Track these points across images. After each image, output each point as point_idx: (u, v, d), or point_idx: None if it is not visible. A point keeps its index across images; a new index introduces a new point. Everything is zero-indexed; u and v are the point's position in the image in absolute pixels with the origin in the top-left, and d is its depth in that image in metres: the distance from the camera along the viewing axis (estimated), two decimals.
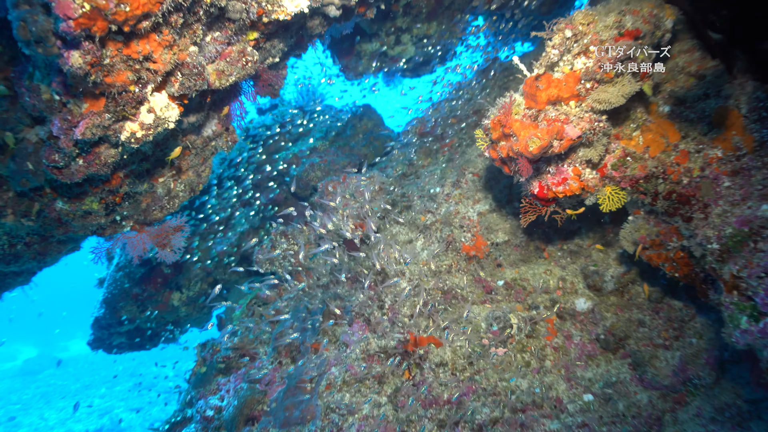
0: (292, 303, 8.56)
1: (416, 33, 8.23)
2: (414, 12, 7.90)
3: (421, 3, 7.81)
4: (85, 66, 3.23)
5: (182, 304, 12.28)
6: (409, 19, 8.03)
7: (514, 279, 6.26)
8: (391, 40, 8.20)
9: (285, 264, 8.88)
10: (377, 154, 9.48)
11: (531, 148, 3.68)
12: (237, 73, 4.55)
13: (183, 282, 11.73)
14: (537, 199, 4.45)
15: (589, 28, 3.80)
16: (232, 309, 11.41)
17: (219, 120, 5.71)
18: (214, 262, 11.54)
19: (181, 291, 11.88)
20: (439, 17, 8.13)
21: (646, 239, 4.70)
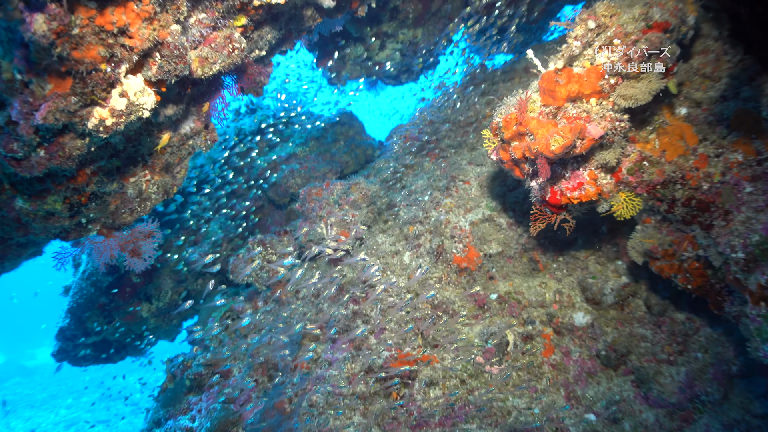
0: (270, 317, 7.96)
1: (402, 39, 7.84)
2: (401, 17, 7.53)
3: (408, 8, 7.44)
4: (50, 34, 2.66)
5: (151, 316, 11.65)
6: (395, 24, 7.65)
7: (508, 292, 5.85)
8: (377, 45, 7.79)
9: (262, 275, 8.28)
10: (359, 161, 9.01)
11: (553, 147, 3.28)
12: (222, 61, 4.02)
13: (153, 292, 10.94)
14: (548, 206, 4.05)
15: (613, 20, 3.45)
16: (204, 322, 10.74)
17: (198, 116, 5.14)
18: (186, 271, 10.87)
19: (151, 302, 11.05)
20: (425, 24, 7.78)
21: (658, 249, 4.35)
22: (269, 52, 5.02)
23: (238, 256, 8.53)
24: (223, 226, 11.16)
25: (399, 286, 6.26)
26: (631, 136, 3.99)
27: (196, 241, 11.30)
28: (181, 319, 12.71)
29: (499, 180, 6.14)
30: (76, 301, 10.69)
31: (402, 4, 7.30)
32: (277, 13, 4.52)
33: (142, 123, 4.67)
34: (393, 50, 7.91)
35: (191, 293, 11.80)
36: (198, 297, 11.87)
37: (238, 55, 4.16)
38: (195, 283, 11.39)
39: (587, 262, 5.75)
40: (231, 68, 4.33)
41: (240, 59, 4.18)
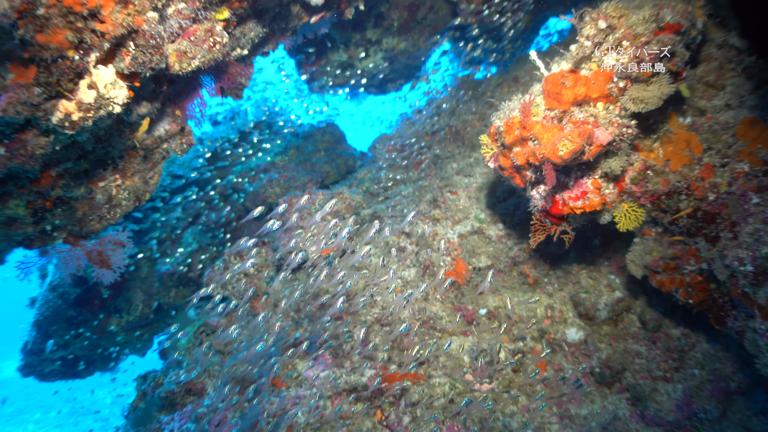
0: (246, 332, 7.51)
1: (386, 47, 7.58)
2: (385, 24, 7.27)
3: (393, 15, 7.20)
4: (12, 13, 2.28)
5: (121, 330, 10.99)
6: (379, 32, 7.39)
7: (498, 307, 5.56)
8: (360, 52, 7.51)
9: (239, 288, 7.82)
10: (340, 172, 8.67)
11: (561, 153, 3.01)
12: (202, 56, 3.67)
13: (122, 305, 10.40)
14: (549, 216, 3.79)
15: (621, 21, 3.23)
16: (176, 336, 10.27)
17: (174, 117, 4.75)
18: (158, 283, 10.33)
19: (120, 315, 10.53)
20: (410, 32, 7.54)
21: (659, 263, 4.13)
22: (251, 52, 4.68)
23: (214, 268, 8.08)
24: (197, 237, 10.70)
25: (384, 300, 5.93)
26: (635, 144, 3.77)
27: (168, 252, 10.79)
28: (152, 332, 12.18)
29: (488, 191, 5.89)
30: (42, 313, 10.13)
31: (387, 11, 7.06)
32: (262, 9, 4.19)
33: (113, 121, 4.27)
34: (377, 58, 7.65)
35: (163, 306, 11.30)
36: (170, 309, 11.36)
37: (220, 50, 3.81)
38: (168, 295, 10.86)
39: (579, 276, 5.52)
40: (211, 65, 3.97)
41: (221, 55, 3.83)
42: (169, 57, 3.78)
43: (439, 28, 7.51)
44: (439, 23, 7.46)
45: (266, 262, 7.55)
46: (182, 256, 10.40)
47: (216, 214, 10.19)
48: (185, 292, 10.70)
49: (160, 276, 10.56)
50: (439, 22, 7.46)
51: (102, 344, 11.25)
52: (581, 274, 5.51)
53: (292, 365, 6.19)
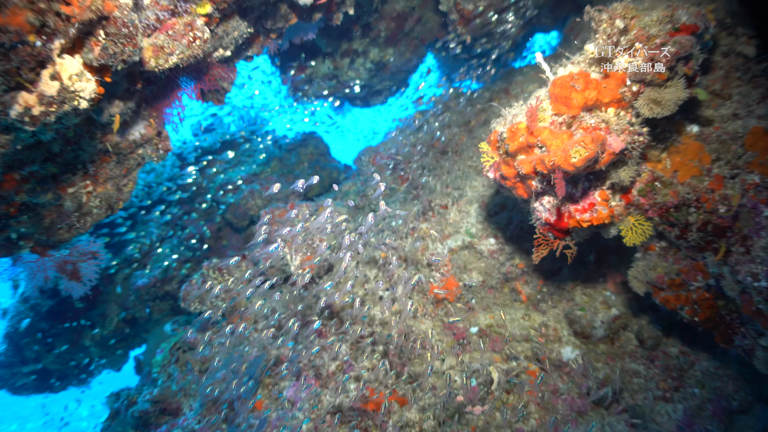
0: (225, 349, 7.03)
1: (372, 58, 7.30)
2: (372, 35, 7.00)
3: (380, 26, 6.93)
4: None
5: (95, 344, 10.20)
6: (366, 42, 7.11)
7: (489, 325, 5.23)
8: (346, 63, 7.21)
9: (218, 303, 7.34)
10: (323, 184, 8.30)
11: (574, 160, 2.71)
12: (180, 52, 3.30)
13: (97, 318, 9.94)
14: (552, 230, 3.48)
15: (633, 22, 2.98)
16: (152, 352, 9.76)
17: (150, 122, 4.35)
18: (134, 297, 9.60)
19: (95, 329, 10.06)
20: (397, 44, 7.28)
21: (664, 279, 3.85)
22: (235, 54, 4.31)
23: (191, 282, 7.59)
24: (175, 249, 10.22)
25: (371, 317, 5.54)
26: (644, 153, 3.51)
27: (144, 264, 10.30)
28: (127, 347, 11.65)
29: (479, 204, 5.59)
30: (13, 325, 9.47)
31: (374, 21, 6.78)
32: (247, 8, 3.85)
33: (82, 120, 3.85)
34: (363, 69, 7.35)
35: (139, 320, 10.76)
36: (146, 324, 10.83)
37: (200, 47, 3.44)
38: (144, 309, 10.31)
39: (573, 293, 5.23)
40: (190, 64, 3.61)
41: (201, 53, 3.46)
42: (144, 51, 3.40)
43: (426, 41, 7.26)
44: (427, 36, 7.21)
45: (246, 275, 7.10)
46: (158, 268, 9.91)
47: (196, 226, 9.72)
48: (162, 305, 10.19)
49: (136, 289, 10.04)
50: (426, 34, 7.22)
51: (76, 358, 10.64)
52: (575, 291, 5.23)
53: (273, 385, 5.75)
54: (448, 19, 6.37)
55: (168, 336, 9.54)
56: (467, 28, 6.18)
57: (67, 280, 7.14)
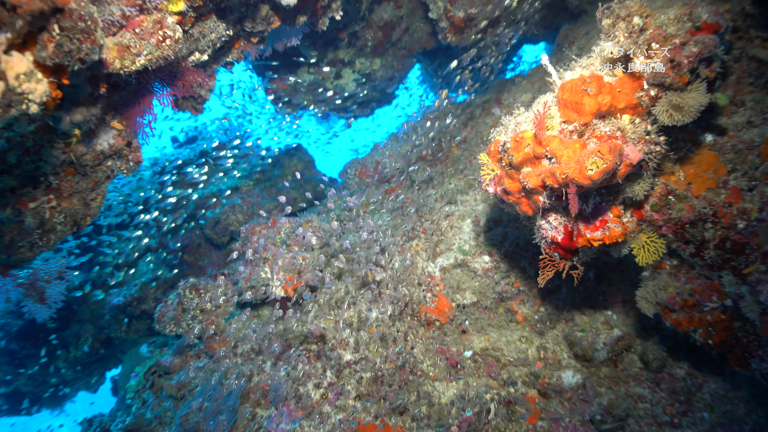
0: (202, 375, 6.54)
1: (359, 68, 6.97)
2: (359, 44, 6.67)
3: (367, 35, 6.60)
4: None
5: (68, 365, 9.70)
6: (353, 52, 6.78)
7: (485, 349, 4.86)
8: (332, 73, 6.86)
9: (194, 325, 6.85)
10: (307, 199, 7.89)
11: (590, 173, 2.37)
12: (149, 52, 2.90)
13: (70, 339, 9.44)
14: (559, 249, 3.13)
15: (649, 20, 2.67)
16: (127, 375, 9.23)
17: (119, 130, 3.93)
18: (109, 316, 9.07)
19: (68, 350, 9.57)
20: (384, 54, 6.96)
21: (676, 300, 3.52)
22: (212, 58, 3.93)
23: (167, 303, 7.09)
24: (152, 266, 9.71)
25: (358, 340, 5.13)
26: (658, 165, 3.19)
27: (122, 283, 9.78)
28: (103, 368, 11.10)
29: (472, 219, 5.24)
30: None
31: (361, 30, 6.46)
32: (226, 8, 3.48)
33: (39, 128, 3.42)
34: (349, 80, 7.01)
35: (114, 340, 10.20)
36: (122, 344, 10.30)
37: (171, 47, 3.05)
38: (119, 329, 9.74)
39: (573, 312, 4.89)
40: (161, 66, 3.21)
41: (173, 54, 3.07)
42: (108, 51, 2.99)
43: (414, 51, 6.97)
44: (415, 46, 6.91)
45: (225, 296, 6.63)
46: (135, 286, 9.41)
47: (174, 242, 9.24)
48: (138, 325, 9.64)
49: (111, 308, 9.50)
50: (414, 44, 6.91)
51: (49, 380, 9.80)
52: (575, 311, 4.89)
53: (253, 416, 5.28)
54: (437, 27, 6.07)
55: (143, 358, 9.06)
56: (458, 36, 5.88)
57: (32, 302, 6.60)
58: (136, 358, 9.65)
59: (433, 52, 7.23)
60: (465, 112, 6.05)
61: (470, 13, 5.62)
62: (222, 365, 6.17)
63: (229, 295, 6.64)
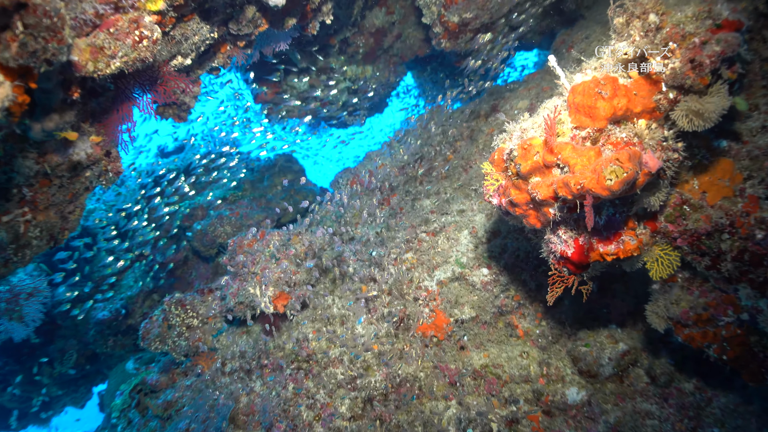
0: (189, 394, 6.19)
1: (350, 75, 6.73)
2: (350, 51, 6.44)
3: (359, 41, 6.38)
4: None
5: (53, 381, 9.39)
6: (344, 59, 6.55)
7: (485, 365, 4.60)
8: (323, 81, 6.62)
9: (180, 343, 6.52)
10: (299, 209, 7.62)
11: (609, 183, 2.14)
12: (125, 54, 2.64)
13: (55, 354, 9.08)
14: (568, 264, 2.89)
15: (665, 18, 2.46)
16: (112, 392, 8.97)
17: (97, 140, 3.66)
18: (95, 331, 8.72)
19: (53, 365, 9.19)
20: (376, 61, 6.74)
21: (689, 314, 3.30)
22: (197, 63, 3.67)
23: (152, 319, 6.75)
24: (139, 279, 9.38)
25: (352, 358, 4.85)
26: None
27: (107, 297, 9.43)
28: (89, 384, 10.74)
29: (469, 230, 5.01)
30: None
31: (352, 37, 6.23)
32: (210, 9, 3.22)
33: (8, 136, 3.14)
34: (340, 88, 6.77)
35: (100, 356, 9.84)
36: (108, 360, 9.95)
37: (149, 49, 2.79)
38: (105, 344, 9.39)
39: (576, 326, 4.66)
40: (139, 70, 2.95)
41: (150, 56, 2.81)
42: (80, 53, 2.72)
43: (406, 59, 6.75)
44: (407, 53, 6.70)
45: (213, 312, 6.31)
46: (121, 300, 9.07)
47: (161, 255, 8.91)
48: (125, 341, 9.28)
49: (96, 323, 9.15)
50: (406, 51, 6.70)
51: (34, 396, 9.41)
52: (578, 324, 4.66)
53: None
54: (431, 33, 5.86)
55: (129, 375, 8.75)
56: (452, 42, 5.67)
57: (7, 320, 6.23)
58: (121, 374, 9.30)
59: (425, 59, 7.03)
60: (461, 120, 5.82)
61: (465, 17, 5.42)
62: (210, 384, 5.85)
63: (216, 310, 6.33)
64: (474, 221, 5.02)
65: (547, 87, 5.18)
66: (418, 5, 5.64)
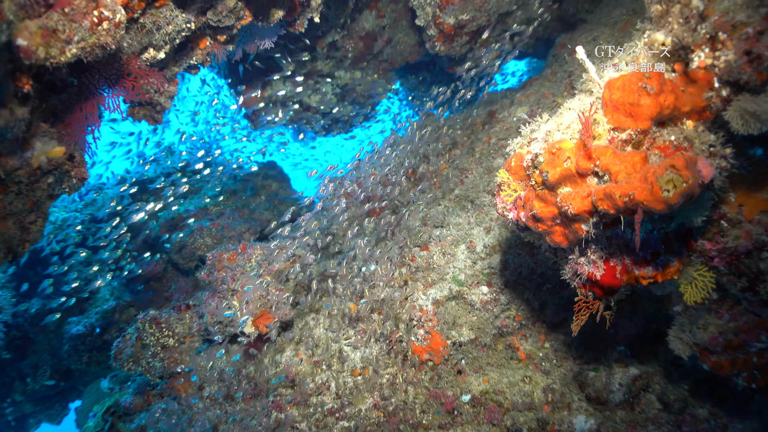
0: (165, 419, 5.60)
1: (338, 81, 6.28)
2: (339, 55, 6.00)
3: (348, 45, 5.94)
4: None
5: (26, 398, 8.83)
6: (332, 64, 6.10)
7: (485, 392, 4.14)
8: (309, 86, 6.16)
9: (155, 364, 5.92)
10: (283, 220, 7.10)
11: (667, 194, 1.72)
12: (82, 38, 2.16)
13: (28, 370, 8.54)
14: (595, 288, 2.46)
15: (711, 6, 2.07)
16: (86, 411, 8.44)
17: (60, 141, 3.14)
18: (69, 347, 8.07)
19: (26, 382, 8.68)
20: (366, 66, 6.31)
21: (719, 340, 2.90)
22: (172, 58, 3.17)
23: (125, 338, 6.15)
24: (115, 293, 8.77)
25: (340, 384, 4.34)
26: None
27: (82, 310, 8.84)
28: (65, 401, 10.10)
29: (467, 245, 4.57)
30: None
31: (342, 40, 5.79)
32: None
33: None
34: (327, 93, 6.31)
35: (74, 372, 9.18)
36: (84, 377, 9.31)
37: (110, 33, 2.29)
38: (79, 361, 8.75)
39: (582, 349, 4.23)
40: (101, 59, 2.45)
41: (113, 42, 2.31)
42: (30, 37, 2.21)
43: (396, 65, 6.34)
44: (397, 59, 6.29)
45: (190, 330, 5.74)
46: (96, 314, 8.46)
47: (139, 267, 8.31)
48: (100, 357, 8.63)
49: (70, 338, 8.53)
50: (396, 57, 6.29)
51: (6, 414, 8.83)
52: (584, 347, 4.24)
53: None
54: (425, 35, 5.45)
55: (104, 395, 8.18)
56: (447, 45, 5.27)
57: None
58: (96, 393, 8.79)
59: (416, 65, 6.64)
60: (455, 128, 5.41)
61: (461, 19, 5.02)
62: (187, 410, 5.28)
63: (194, 329, 5.76)
64: (471, 235, 4.59)
65: (548, 93, 4.81)
66: (412, 6, 5.23)
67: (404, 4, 5.77)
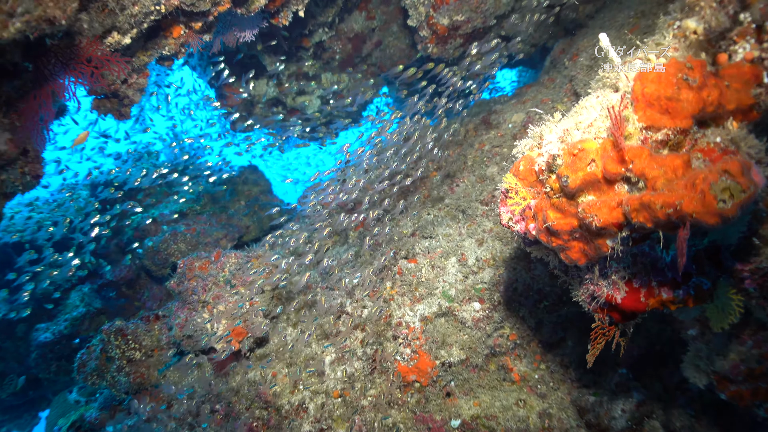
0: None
1: (325, 84, 5.90)
2: (326, 56, 5.63)
3: (335, 47, 5.58)
4: None
5: None
6: (318, 65, 5.72)
7: (476, 416, 3.75)
8: (294, 87, 5.76)
9: (120, 378, 5.42)
10: (262, 227, 6.67)
11: (723, 205, 1.37)
12: (26, 11, 1.77)
13: None
14: (615, 312, 2.11)
15: None
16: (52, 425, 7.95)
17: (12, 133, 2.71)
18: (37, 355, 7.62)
19: None
20: (354, 69, 5.94)
21: (740, 368, 2.57)
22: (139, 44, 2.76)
23: (89, 349, 5.66)
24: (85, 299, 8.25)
25: (318, 406, 3.91)
26: None
27: (51, 316, 8.31)
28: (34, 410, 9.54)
29: (458, 258, 4.20)
30: None
31: (329, 41, 5.43)
32: None
33: None
34: (313, 96, 5.93)
35: (44, 381, 8.62)
36: (53, 386, 8.76)
37: (58, 6, 1.90)
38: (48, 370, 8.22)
39: (580, 370, 3.88)
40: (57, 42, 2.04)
41: (62, 14, 1.92)
42: None
43: (385, 69, 5.99)
44: (386, 63, 5.94)
45: (159, 343, 5.25)
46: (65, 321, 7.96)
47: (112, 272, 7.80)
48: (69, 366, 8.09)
49: (38, 346, 8.00)
50: (386, 61, 5.94)
51: None
52: (582, 368, 3.89)
53: None
54: (417, 37, 5.10)
55: (70, 407, 7.69)
56: (440, 47, 4.94)
57: None
58: (63, 405, 8.27)
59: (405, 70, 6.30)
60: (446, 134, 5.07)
61: (456, 20, 4.69)
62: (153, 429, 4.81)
63: (163, 341, 5.27)
64: (463, 247, 4.22)
65: (546, 99, 4.50)
66: (404, 6, 4.89)
67: (395, 5, 5.43)
